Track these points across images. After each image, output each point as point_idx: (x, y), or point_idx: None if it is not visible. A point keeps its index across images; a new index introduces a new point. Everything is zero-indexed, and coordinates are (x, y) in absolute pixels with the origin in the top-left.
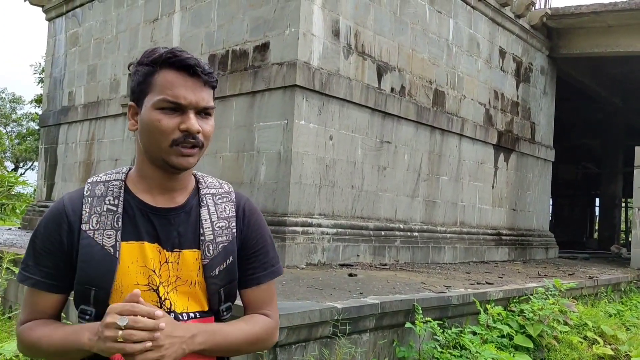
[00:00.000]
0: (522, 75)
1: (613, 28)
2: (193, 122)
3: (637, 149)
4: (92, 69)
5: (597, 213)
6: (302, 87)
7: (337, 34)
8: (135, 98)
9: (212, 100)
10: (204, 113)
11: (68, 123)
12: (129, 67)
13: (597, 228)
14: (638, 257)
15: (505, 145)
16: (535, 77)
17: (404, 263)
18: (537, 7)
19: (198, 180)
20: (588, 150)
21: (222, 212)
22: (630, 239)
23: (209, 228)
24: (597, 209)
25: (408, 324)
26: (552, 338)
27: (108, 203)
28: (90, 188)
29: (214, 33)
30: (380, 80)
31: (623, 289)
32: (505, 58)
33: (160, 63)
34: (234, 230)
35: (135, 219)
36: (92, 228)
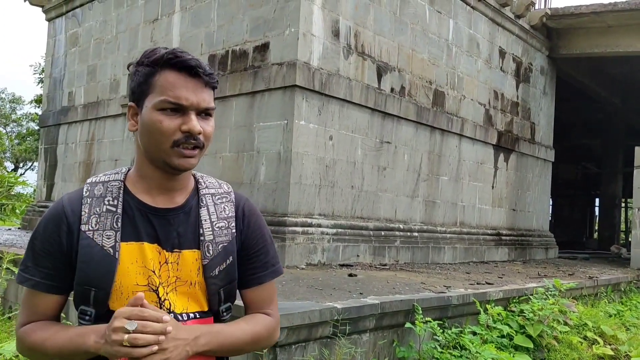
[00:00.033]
0: (522, 76)
1: (613, 28)
2: (195, 123)
3: (637, 149)
4: (92, 69)
5: (597, 213)
6: (302, 87)
7: (337, 34)
8: (136, 99)
9: (212, 101)
10: (205, 114)
11: (68, 123)
12: (128, 67)
13: (597, 228)
14: (638, 257)
15: (505, 146)
16: (535, 77)
17: (404, 263)
18: (537, 7)
19: (197, 181)
20: (588, 151)
21: (221, 212)
22: (630, 239)
23: (209, 228)
24: (597, 209)
25: (408, 324)
26: (552, 338)
27: (107, 204)
28: (90, 189)
29: (214, 33)
30: (380, 81)
31: (623, 289)
32: (505, 58)
33: (162, 64)
34: (234, 231)
35: (135, 220)
36: (91, 229)
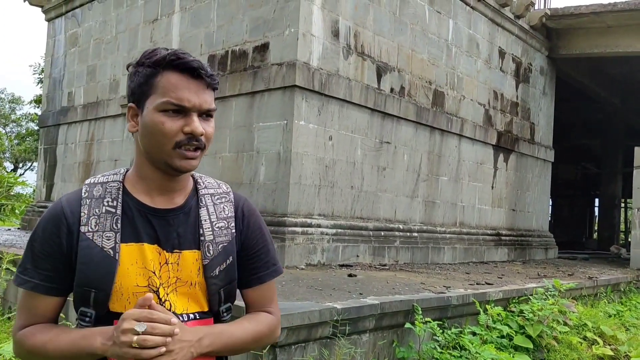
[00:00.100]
0: (521, 76)
1: (612, 28)
2: (197, 124)
3: (636, 149)
4: (91, 70)
5: (596, 213)
6: (301, 87)
7: (336, 35)
8: (136, 99)
9: (213, 102)
10: (206, 115)
11: (67, 123)
12: (128, 67)
13: (596, 228)
14: (637, 257)
15: (505, 146)
16: (535, 77)
17: (404, 263)
18: (536, 7)
19: (196, 181)
20: (588, 151)
21: (221, 212)
22: (630, 240)
23: (209, 228)
24: (596, 209)
25: (408, 325)
26: (551, 338)
27: (107, 205)
28: (88, 189)
29: (214, 33)
30: (380, 81)
31: (622, 290)
32: (505, 58)
33: (164, 65)
34: (234, 231)
35: (134, 221)
36: (91, 230)
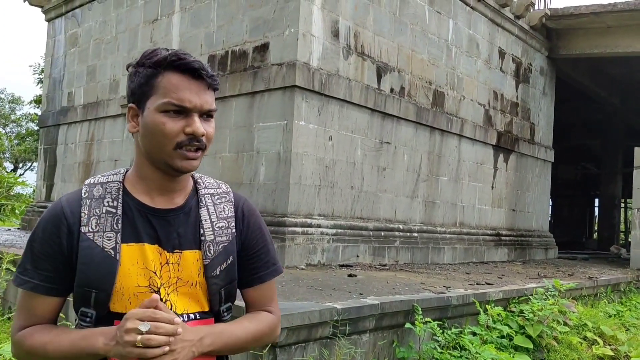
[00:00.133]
0: (521, 76)
1: (612, 29)
2: (198, 125)
3: (636, 150)
4: (91, 70)
5: (596, 213)
6: (301, 87)
7: (336, 35)
8: (136, 100)
9: (214, 103)
10: (207, 115)
11: (67, 124)
12: (128, 68)
13: (596, 228)
14: (637, 257)
15: (505, 146)
16: (535, 77)
17: (404, 263)
18: (536, 7)
19: (196, 181)
20: (587, 151)
21: (221, 212)
22: (630, 240)
23: (209, 228)
24: (596, 210)
25: (408, 325)
26: (551, 338)
27: (107, 205)
28: (88, 190)
29: (214, 33)
30: (380, 81)
31: (622, 290)
32: (505, 59)
33: (165, 66)
34: (234, 231)
35: (135, 221)
36: (91, 230)
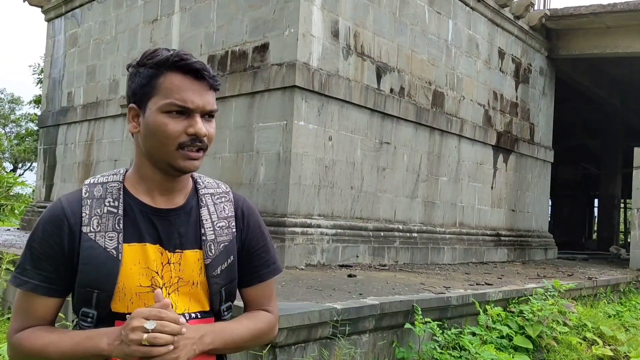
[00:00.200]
0: (521, 76)
1: (612, 29)
2: (200, 126)
3: (636, 150)
4: (91, 70)
5: (596, 214)
6: (301, 87)
7: (336, 35)
8: (137, 100)
9: (215, 103)
10: (208, 116)
11: (67, 124)
12: (128, 68)
13: (596, 229)
14: (637, 257)
15: (505, 146)
16: (535, 78)
17: (403, 264)
18: (536, 8)
19: (195, 181)
20: (587, 151)
21: (221, 212)
22: (629, 240)
23: (210, 228)
24: (596, 210)
25: (407, 325)
26: (551, 339)
27: (108, 205)
28: (89, 190)
29: (214, 34)
30: (380, 81)
31: (622, 290)
32: (505, 59)
33: (167, 66)
34: (234, 230)
35: (136, 221)
36: (93, 230)
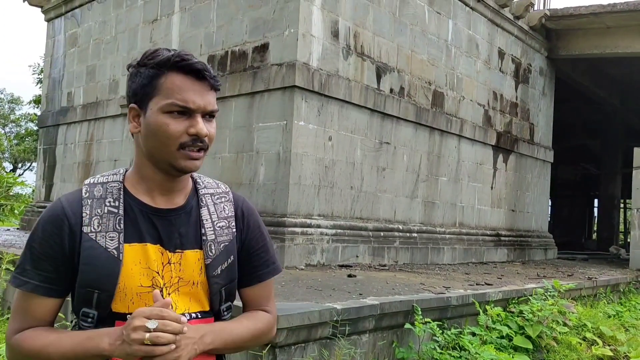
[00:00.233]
0: (521, 76)
1: (612, 29)
2: (202, 126)
3: (636, 150)
4: (91, 70)
5: (596, 214)
6: (301, 87)
7: (336, 35)
8: (138, 100)
9: (216, 104)
10: (209, 116)
11: (67, 124)
12: (129, 68)
13: (596, 229)
14: (637, 257)
15: (504, 146)
16: (534, 78)
17: (403, 264)
18: (536, 8)
19: (195, 181)
20: (587, 151)
21: (221, 211)
22: (629, 240)
23: (210, 228)
24: (596, 210)
25: (407, 325)
26: (551, 339)
27: (109, 205)
28: (89, 190)
29: (213, 34)
30: (380, 81)
31: (622, 290)
32: (504, 59)
33: (168, 66)
34: (234, 230)
35: (137, 221)
36: (93, 230)
